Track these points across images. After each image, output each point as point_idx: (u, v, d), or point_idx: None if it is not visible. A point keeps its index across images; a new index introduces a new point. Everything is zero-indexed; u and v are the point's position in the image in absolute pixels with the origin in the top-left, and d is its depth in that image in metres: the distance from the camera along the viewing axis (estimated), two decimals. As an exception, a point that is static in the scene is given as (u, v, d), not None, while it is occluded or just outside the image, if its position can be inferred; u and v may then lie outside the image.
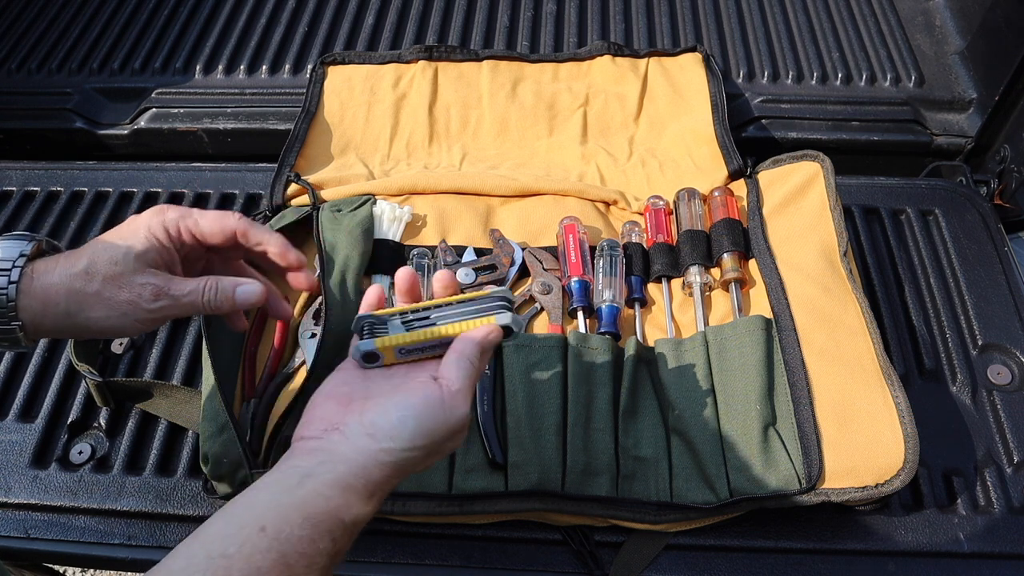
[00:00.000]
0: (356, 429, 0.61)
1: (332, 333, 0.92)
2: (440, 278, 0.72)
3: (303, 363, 0.96)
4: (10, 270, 0.66)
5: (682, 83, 1.31)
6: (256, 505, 0.57)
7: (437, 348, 0.69)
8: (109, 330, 0.69)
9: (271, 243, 0.77)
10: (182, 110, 1.38)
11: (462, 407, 0.64)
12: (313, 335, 0.97)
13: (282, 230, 1.05)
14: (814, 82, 1.40)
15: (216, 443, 0.84)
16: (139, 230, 0.71)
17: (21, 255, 0.68)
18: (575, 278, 1.02)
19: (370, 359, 0.69)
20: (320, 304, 0.99)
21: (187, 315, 0.73)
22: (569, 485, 0.85)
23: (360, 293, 1.01)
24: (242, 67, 1.43)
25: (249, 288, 0.74)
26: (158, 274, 0.70)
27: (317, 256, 1.01)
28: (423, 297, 0.74)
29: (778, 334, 0.95)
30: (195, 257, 0.78)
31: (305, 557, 0.54)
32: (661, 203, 1.13)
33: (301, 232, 1.08)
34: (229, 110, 1.38)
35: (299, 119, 1.24)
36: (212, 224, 0.74)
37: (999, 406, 0.97)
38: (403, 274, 0.73)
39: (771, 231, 1.06)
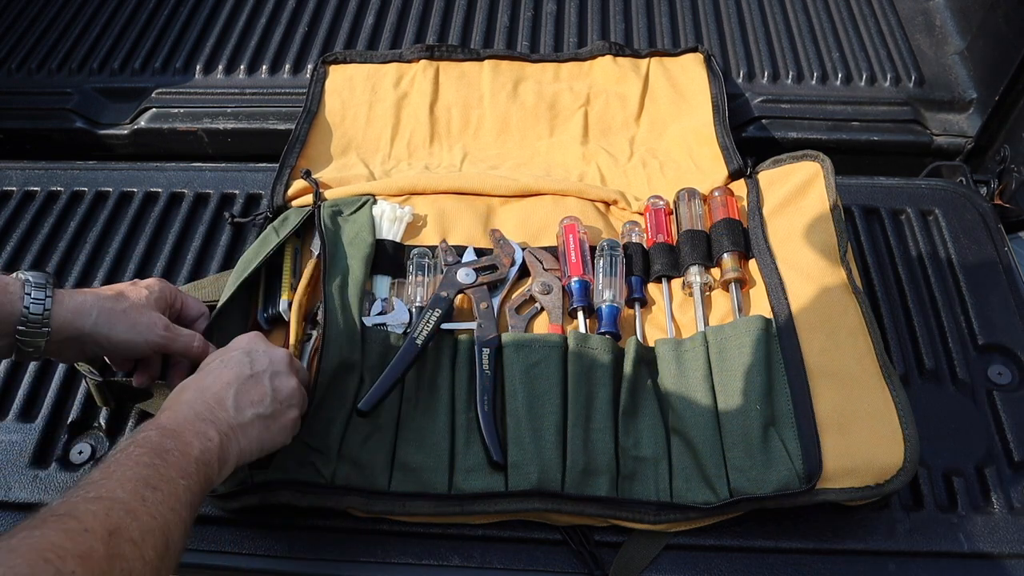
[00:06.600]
0: None
1: (331, 338, 0.92)
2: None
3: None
4: (45, 286, 0.82)
5: (683, 83, 1.31)
6: None
7: None
8: (123, 343, 0.85)
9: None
10: (182, 110, 1.39)
11: None
12: (308, 336, 0.98)
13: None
14: (814, 82, 1.40)
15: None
16: (152, 285, 0.91)
17: (48, 281, 0.82)
18: (575, 278, 1.02)
19: None
20: (319, 308, 0.99)
21: (170, 352, 0.90)
22: (569, 485, 0.85)
23: (361, 299, 1.00)
24: (242, 67, 1.43)
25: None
26: (164, 317, 0.90)
27: (321, 256, 1.02)
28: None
29: (778, 334, 0.95)
30: None
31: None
32: (661, 203, 1.13)
33: (301, 231, 1.08)
34: (229, 110, 1.38)
35: (300, 119, 1.24)
36: (194, 304, 0.97)
37: (999, 406, 0.97)
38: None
39: (771, 231, 1.06)
